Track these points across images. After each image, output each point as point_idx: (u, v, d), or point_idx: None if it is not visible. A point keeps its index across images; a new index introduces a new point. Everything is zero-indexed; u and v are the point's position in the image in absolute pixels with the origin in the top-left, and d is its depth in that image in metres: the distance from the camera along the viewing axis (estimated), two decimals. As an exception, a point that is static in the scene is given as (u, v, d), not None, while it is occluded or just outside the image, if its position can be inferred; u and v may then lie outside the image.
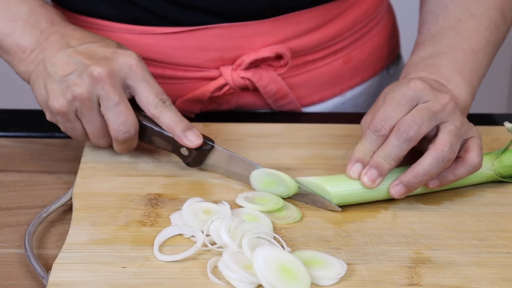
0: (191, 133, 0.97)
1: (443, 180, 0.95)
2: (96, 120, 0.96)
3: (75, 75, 0.95)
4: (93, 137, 0.98)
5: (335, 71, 1.15)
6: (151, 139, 0.99)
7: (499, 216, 0.94)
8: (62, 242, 0.89)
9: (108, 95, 0.95)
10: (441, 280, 0.85)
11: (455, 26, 1.04)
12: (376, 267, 0.86)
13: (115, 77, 0.95)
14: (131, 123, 0.96)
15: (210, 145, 0.98)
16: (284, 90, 1.11)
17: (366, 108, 1.19)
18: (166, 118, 0.96)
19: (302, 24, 1.10)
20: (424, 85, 0.95)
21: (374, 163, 0.93)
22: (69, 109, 0.96)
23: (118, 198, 0.96)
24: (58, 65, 0.96)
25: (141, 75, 0.96)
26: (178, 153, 0.98)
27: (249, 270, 0.84)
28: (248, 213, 0.93)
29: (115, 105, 0.95)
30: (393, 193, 0.93)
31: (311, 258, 0.86)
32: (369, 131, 0.93)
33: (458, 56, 1.02)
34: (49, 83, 0.96)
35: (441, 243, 0.90)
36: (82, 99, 0.95)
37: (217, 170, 0.99)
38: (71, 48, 0.97)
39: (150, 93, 0.96)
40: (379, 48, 1.19)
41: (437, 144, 0.92)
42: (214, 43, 1.08)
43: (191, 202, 0.93)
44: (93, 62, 0.95)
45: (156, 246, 0.88)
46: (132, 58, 0.96)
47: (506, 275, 0.85)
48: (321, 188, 0.94)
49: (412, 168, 0.93)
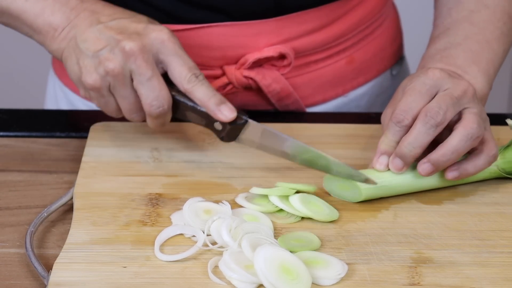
0: (225, 107, 0.96)
1: (463, 172, 0.95)
2: (129, 95, 0.96)
3: (107, 50, 0.95)
4: (126, 112, 0.98)
5: (338, 71, 1.15)
6: (184, 114, 0.98)
7: (500, 216, 0.94)
8: (63, 242, 0.89)
9: (140, 69, 0.94)
10: (442, 280, 0.85)
11: (469, 17, 1.05)
12: (377, 267, 0.86)
13: (147, 51, 0.95)
14: (164, 98, 0.95)
15: (244, 119, 0.97)
16: (288, 90, 1.11)
17: (369, 109, 1.19)
18: (200, 93, 0.96)
19: (306, 24, 1.10)
20: (443, 73, 0.95)
21: (399, 152, 0.93)
22: (102, 84, 0.95)
23: (119, 198, 0.96)
24: (89, 41, 0.96)
25: (173, 50, 0.96)
26: (212, 127, 0.98)
27: (250, 269, 0.84)
28: (248, 213, 0.93)
29: (147, 80, 0.95)
30: (421, 171, 0.94)
31: (312, 258, 0.86)
32: (391, 123, 0.94)
33: (473, 47, 1.03)
34: (82, 59, 0.96)
35: (442, 243, 0.90)
36: (114, 74, 0.95)
37: (250, 145, 0.98)
38: (102, 24, 0.96)
39: (183, 67, 0.96)
40: (383, 49, 1.19)
41: (464, 122, 0.93)
42: (218, 41, 1.08)
43: (192, 202, 0.93)
44: (125, 37, 0.95)
45: (157, 246, 0.88)
46: (163, 32, 0.96)
47: (507, 274, 0.85)
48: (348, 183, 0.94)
49: (440, 146, 0.93)
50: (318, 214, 0.92)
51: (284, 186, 0.94)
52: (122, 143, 1.05)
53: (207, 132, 1.06)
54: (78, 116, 1.15)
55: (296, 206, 0.92)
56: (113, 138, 1.05)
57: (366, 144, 1.05)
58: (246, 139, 0.98)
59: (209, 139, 1.06)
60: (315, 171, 0.99)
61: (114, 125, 1.08)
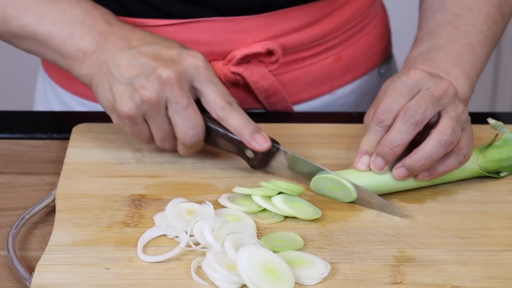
0: (260, 136, 0.96)
1: (433, 172, 0.95)
2: (163, 123, 0.95)
3: (143, 78, 0.93)
4: (159, 140, 0.97)
5: (325, 69, 1.15)
6: (216, 141, 0.98)
7: (482, 214, 0.94)
8: (45, 244, 0.89)
9: (177, 98, 0.93)
10: (424, 279, 0.85)
11: (453, 21, 1.05)
12: (360, 266, 0.86)
13: (183, 79, 0.94)
14: (200, 127, 0.95)
15: (276, 147, 0.97)
16: (275, 87, 1.12)
17: (356, 107, 1.20)
18: (234, 120, 0.95)
19: (293, 21, 1.10)
20: (424, 73, 0.96)
21: (380, 151, 0.94)
22: (138, 112, 0.94)
23: (101, 199, 0.95)
24: (123, 67, 0.94)
25: (207, 77, 0.95)
26: (243, 155, 0.97)
27: (233, 270, 0.84)
28: (231, 213, 0.93)
29: (183, 109, 0.94)
30: (395, 175, 0.94)
31: (295, 258, 0.86)
32: (373, 123, 0.95)
33: (456, 50, 1.03)
34: (115, 86, 0.94)
35: (424, 242, 0.90)
36: (151, 103, 0.93)
37: (281, 172, 0.98)
38: (134, 49, 0.95)
39: (217, 95, 0.95)
40: (370, 47, 1.19)
41: (439, 128, 0.93)
42: (205, 37, 1.08)
43: (175, 203, 0.93)
44: (161, 64, 0.94)
45: (140, 247, 0.88)
46: (198, 59, 0.95)
47: (488, 272, 0.86)
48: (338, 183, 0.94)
49: (414, 151, 0.94)
50: (301, 213, 0.92)
51: (273, 185, 0.94)
52: (104, 144, 1.04)
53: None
54: (60, 117, 1.15)
55: (279, 205, 0.92)
56: (96, 139, 1.05)
57: (350, 144, 1.05)
58: (277, 167, 0.98)
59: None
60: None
61: (96, 127, 1.08)
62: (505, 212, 0.95)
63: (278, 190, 0.94)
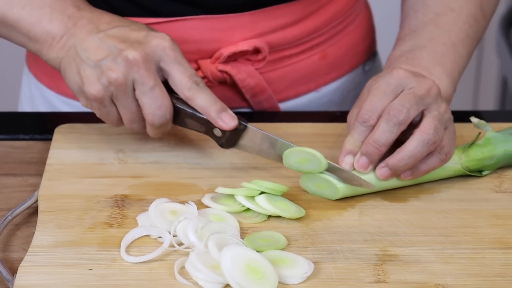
0: (226, 115, 0.96)
1: (415, 171, 0.96)
2: (131, 105, 0.95)
3: (110, 59, 0.94)
4: (127, 122, 0.97)
5: (311, 66, 1.16)
6: (184, 122, 0.98)
7: (464, 212, 0.95)
8: (28, 245, 0.89)
9: (143, 79, 0.94)
10: (407, 277, 0.85)
11: (435, 20, 1.06)
12: (343, 265, 0.87)
13: (149, 60, 0.94)
14: (167, 107, 0.95)
15: (244, 125, 0.97)
16: (262, 85, 1.12)
17: (340, 104, 1.20)
18: (200, 100, 0.95)
19: (280, 19, 1.10)
20: (407, 73, 0.96)
21: (365, 150, 0.94)
22: (105, 94, 0.95)
23: (84, 200, 0.95)
24: (90, 50, 0.95)
25: (174, 58, 0.95)
26: (211, 134, 0.97)
27: (216, 270, 0.84)
28: (214, 213, 0.93)
29: (150, 89, 0.94)
30: (379, 175, 0.95)
31: (279, 257, 0.87)
32: (357, 123, 0.95)
33: (438, 49, 1.04)
34: (83, 68, 0.95)
35: (407, 240, 0.90)
36: (118, 84, 0.94)
37: (250, 151, 0.98)
38: (102, 32, 0.96)
39: (184, 75, 0.95)
40: (355, 44, 1.20)
41: (422, 128, 0.94)
42: (192, 35, 1.08)
43: (158, 203, 0.93)
44: (127, 46, 0.94)
45: (123, 248, 0.87)
46: (165, 40, 0.95)
47: (471, 270, 0.86)
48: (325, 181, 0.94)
49: (398, 151, 0.94)
50: (285, 212, 0.92)
51: (256, 185, 0.94)
52: (87, 144, 1.04)
53: (173, 133, 1.06)
54: (42, 118, 1.14)
55: (263, 205, 0.92)
56: (78, 140, 1.05)
57: (333, 143, 1.05)
58: (246, 145, 0.98)
59: (175, 140, 1.06)
60: (282, 171, 0.99)
61: (78, 127, 1.07)
62: (487, 210, 0.95)
63: (261, 189, 0.94)
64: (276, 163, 0.98)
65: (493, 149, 1.00)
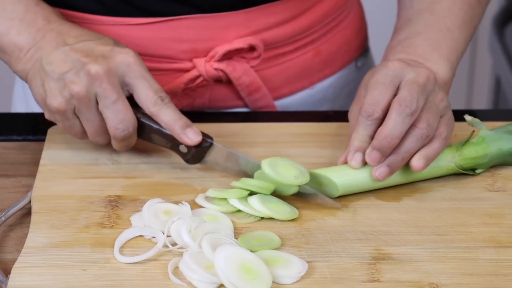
0: (190, 131, 0.96)
1: (426, 158, 0.95)
2: (94, 118, 0.96)
3: (73, 73, 0.95)
4: (91, 135, 0.98)
5: (305, 63, 1.16)
6: (149, 137, 0.98)
7: (458, 211, 0.95)
8: (21, 246, 0.89)
9: (106, 93, 0.94)
10: (401, 276, 0.85)
11: (430, 8, 1.07)
12: (337, 264, 0.87)
13: (112, 74, 0.95)
14: (129, 121, 0.96)
15: (209, 142, 0.97)
16: (257, 83, 1.12)
17: (334, 101, 1.20)
18: (165, 116, 0.96)
19: (274, 16, 1.11)
20: (402, 63, 0.97)
21: (377, 144, 0.94)
22: (67, 107, 0.95)
23: (77, 201, 0.95)
24: (55, 63, 0.95)
25: (139, 73, 0.96)
26: (177, 150, 0.98)
27: (210, 270, 0.84)
28: (208, 213, 0.93)
29: (113, 103, 0.95)
30: (377, 175, 0.94)
31: (273, 257, 0.87)
32: (362, 118, 0.95)
33: (434, 35, 1.04)
34: (47, 81, 0.96)
35: (400, 239, 0.90)
36: (80, 97, 0.94)
37: (216, 167, 0.99)
38: (68, 46, 0.96)
39: (149, 90, 0.96)
40: (348, 41, 1.20)
41: (415, 123, 0.94)
42: (187, 34, 1.09)
43: (151, 203, 0.93)
44: (91, 60, 0.95)
45: (117, 248, 0.87)
46: (130, 55, 0.96)
47: (465, 269, 0.86)
48: (325, 179, 0.94)
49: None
50: (279, 214, 0.92)
51: (243, 184, 0.94)
52: (80, 145, 1.04)
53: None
54: (35, 119, 1.14)
55: (256, 206, 0.92)
56: (71, 140, 1.05)
57: (324, 142, 1.05)
58: (211, 161, 0.98)
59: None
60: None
61: (72, 128, 1.07)
62: (480, 209, 0.95)
63: (249, 189, 0.93)
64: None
65: (486, 147, 1.00)
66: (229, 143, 1.03)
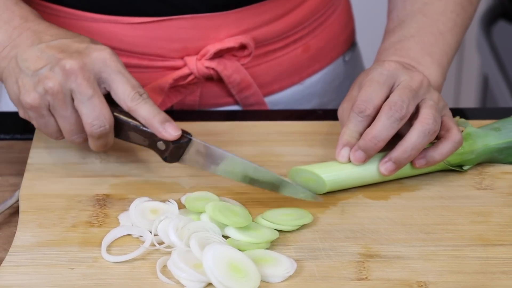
0: (169, 125, 0.95)
1: (430, 160, 0.97)
2: (70, 115, 0.95)
3: (47, 68, 0.93)
4: (67, 134, 0.96)
5: (295, 59, 1.16)
6: (127, 135, 0.97)
7: (445, 209, 0.95)
8: (9, 245, 0.88)
9: (81, 88, 0.93)
10: (389, 274, 0.86)
11: (422, 9, 1.07)
12: (325, 263, 0.87)
13: (88, 70, 0.94)
14: (106, 117, 0.94)
15: (188, 138, 0.96)
16: (248, 80, 1.12)
17: (323, 95, 1.21)
18: (144, 111, 0.95)
19: (265, 15, 1.11)
20: (398, 65, 0.98)
21: (363, 145, 0.94)
22: (41, 103, 0.94)
23: (65, 199, 0.95)
24: (30, 60, 0.94)
25: (116, 68, 0.95)
26: (155, 148, 0.97)
27: (198, 268, 0.84)
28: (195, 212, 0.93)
29: (88, 99, 0.93)
30: (383, 171, 0.95)
31: (261, 256, 0.87)
32: (353, 113, 0.95)
33: (427, 38, 1.05)
34: (21, 78, 0.94)
35: (389, 238, 0.91)
36: (54, 93, 0.93)
37: (194, 165, 0.97)
38: (43, 43, 0.95)
39: (126, 86, 0.95)
40: (336, 36, 1.21)
41: (421, 119, 0.95)
42: (179, 33, 1.08)
43: (138, 202, 0.92)
44: (66, 56, 0.94)
45: (104, 247, 0.87)
46: (105, 52, 0.95)
47: (452, 267, 0.87)
48: (312, 175, 0.94)
49: (400, 144, 0.95)
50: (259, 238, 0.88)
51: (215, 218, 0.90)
52: (68, 144, 1.04)
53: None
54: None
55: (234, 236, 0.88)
56: (59, 139, 1.04)
57: (313, 141, 1.06)
58: (190, 159, 0.97)
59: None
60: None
61: (60, 126, 1.07)
62: (468, 207, 0.95)
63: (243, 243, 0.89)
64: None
65: (473, 143, 1.01)
66: (218, 142, 1.03)
